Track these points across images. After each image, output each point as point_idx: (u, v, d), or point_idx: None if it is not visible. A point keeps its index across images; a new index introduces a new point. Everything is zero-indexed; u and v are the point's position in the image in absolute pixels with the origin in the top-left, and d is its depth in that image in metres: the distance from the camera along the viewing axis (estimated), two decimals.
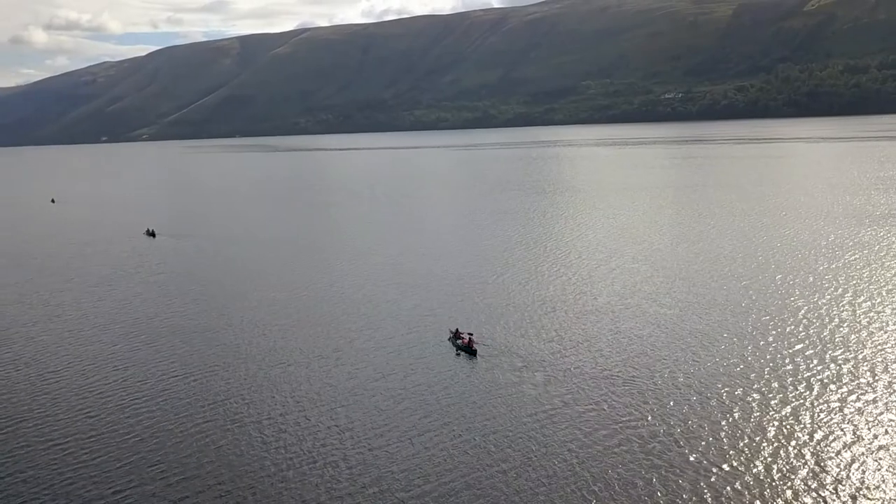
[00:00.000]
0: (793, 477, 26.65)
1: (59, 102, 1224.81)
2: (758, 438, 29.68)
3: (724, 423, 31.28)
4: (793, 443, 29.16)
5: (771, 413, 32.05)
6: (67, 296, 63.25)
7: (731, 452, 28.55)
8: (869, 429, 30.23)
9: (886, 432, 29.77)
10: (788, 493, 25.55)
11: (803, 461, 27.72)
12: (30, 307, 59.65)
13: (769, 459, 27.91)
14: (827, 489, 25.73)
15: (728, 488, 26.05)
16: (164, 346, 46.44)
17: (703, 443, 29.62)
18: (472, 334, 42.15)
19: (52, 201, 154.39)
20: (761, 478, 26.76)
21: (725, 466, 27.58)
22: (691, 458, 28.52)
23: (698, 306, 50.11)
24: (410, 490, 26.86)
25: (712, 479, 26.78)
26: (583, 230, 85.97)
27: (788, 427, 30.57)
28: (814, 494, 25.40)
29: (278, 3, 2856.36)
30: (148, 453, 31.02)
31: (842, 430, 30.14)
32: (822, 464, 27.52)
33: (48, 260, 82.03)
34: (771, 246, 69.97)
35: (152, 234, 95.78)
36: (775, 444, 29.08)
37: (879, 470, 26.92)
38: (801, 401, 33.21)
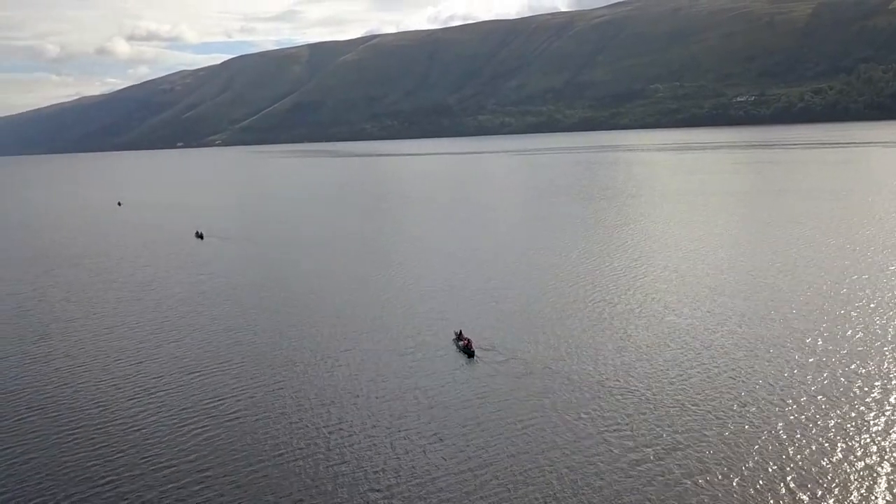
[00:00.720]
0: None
1: (140, 110, 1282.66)
2: (761, 458, 26.61)
3: (728, 443, 28.13)
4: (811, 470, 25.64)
5: (777, 432, 28.54)
6: (110, 294, 64.87)
7: (732, 473, 25.58)
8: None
9: None
10: None
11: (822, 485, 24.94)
12: (69, 305, 61.30)
13: (773, 479, 25.34)
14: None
15: None
16: (167, 342, 47.46)
17: (702, 459, 26.97)
18: (466, 340, 42.27)
19: (119, 204, 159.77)
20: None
21: (726, 483, 25.26)
22: (680, 472, 26.16)
23: (723, 319, 46.09)
24: (377, 489, 26.64)
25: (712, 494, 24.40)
26: (623, 237, 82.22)
27: (802, 452, 26.86)
28: None
29: (348, 11, 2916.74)
30: (144, 443, 31.48)
31: (867, 452, 26.58)
32: (835, 482, 24.78)
33: (99, 259, 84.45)
34: (827, 261, 63.47)
35: (200, 237, 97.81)
36: (782, 465, 25.67)
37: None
38: (820, 426, 29.16)
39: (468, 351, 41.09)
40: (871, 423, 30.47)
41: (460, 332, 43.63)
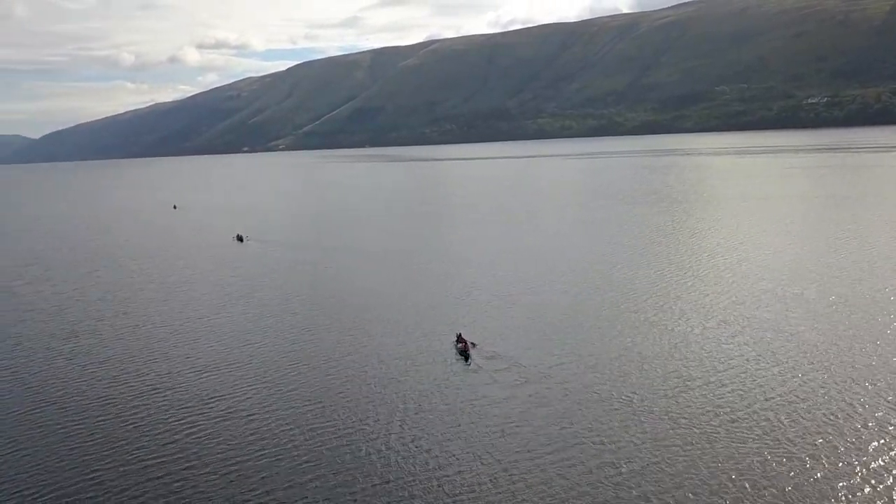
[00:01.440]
0: None
1: (209, 115, 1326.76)
2: (771, 477, 24.80)
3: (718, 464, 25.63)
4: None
5: (796, 453, 25.79)
6: (140, 295, 66.06)
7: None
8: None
9: None
10: None
11: None
12: (103, 303, 62.65)
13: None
14: None
15: None
16: (180, 343, 47.27)
17: (685, 476, 24.73)
18: (464, 342, 42.36)
19: (174, 207, 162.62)
20: None
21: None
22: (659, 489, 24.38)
23: (740, 329, 43.14)
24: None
25: None
26: (660, 243, 79.10)
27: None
28: None
29: (410, 17, 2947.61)
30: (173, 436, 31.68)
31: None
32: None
33: (142, 261, 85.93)
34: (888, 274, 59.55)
35: (240, 239, 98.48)
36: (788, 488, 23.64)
37: None
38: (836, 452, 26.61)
39: (464, 353, 41.39)
40: None
41: (459, 334, 43.65)
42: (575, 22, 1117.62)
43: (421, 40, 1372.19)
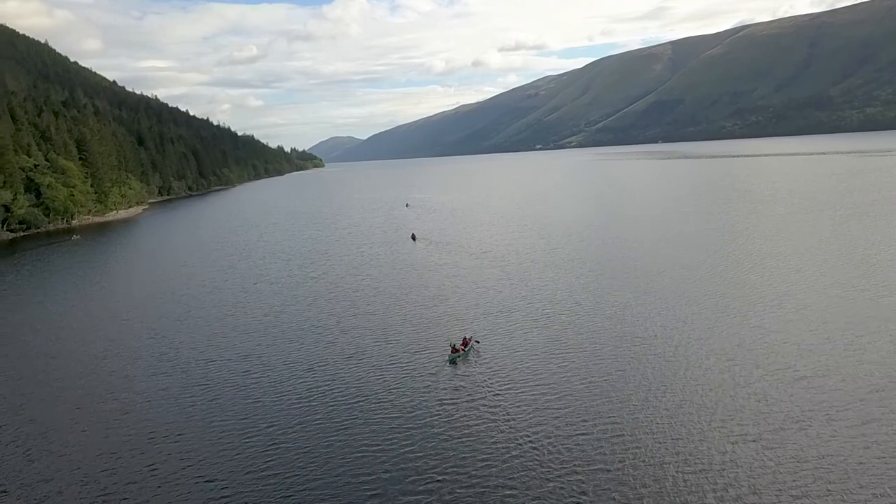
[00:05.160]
0: None
1: (507, 115, 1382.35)
2: None
3: None
4: None
5: None
6: (315, 284, 68.04)
7: None
8: None
9: None
10: None
11: None
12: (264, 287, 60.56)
13: None
14: None
15: None
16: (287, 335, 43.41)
17: None
18: (455, 345, 42.09)
19: (407, 205, 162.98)
20: None
21: None
22: None
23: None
24: None
25: None
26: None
27: None
28: None
29: (719, 3, 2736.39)
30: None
31: None
32: None
33: (323, 256, 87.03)
34: None
35: (414, 238, 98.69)
36: None
37: None
38: None
39: (453, 358, 41.07)
40: None
41: (453, 345, 42.19)
42: None
43: (729, 27, 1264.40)
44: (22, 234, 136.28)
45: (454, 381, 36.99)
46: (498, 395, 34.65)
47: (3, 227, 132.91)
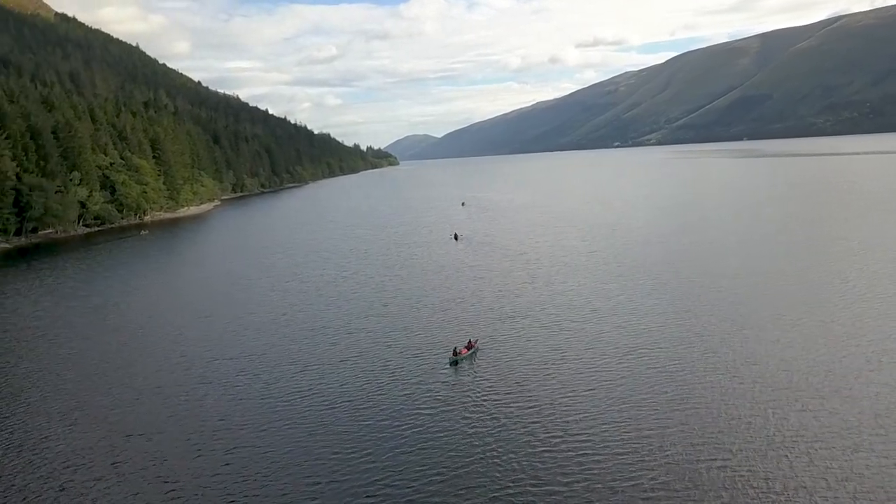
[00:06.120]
0: None
1: (584, 112, 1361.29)
2: None
3: None
4: None
5: None
6: (350, 281, 69.76)
7: None
8: None
9: None
10: None
11: None
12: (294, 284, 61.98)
13: None
14: None
15: None
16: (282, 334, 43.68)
17: None
18: (457, 348, 42.09)
19: (462, 204, 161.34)
20: None
21: None
22: None
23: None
24: None
25: None
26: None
27: None
28: None
29: None
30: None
31: None
32: None
33: (362, 255, 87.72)
34: None
35: (456, 238, 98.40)
36: None
37: None
38: None
39: (454, 360, 41.21)
40: None
41: (455, 349, 42.09)
42: None
43: (822, 18, 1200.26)
44: (97, 228, 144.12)
45: (455, 387, 36.57)
46: (499, 400, 34.12)
47: (79, 223, 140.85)
